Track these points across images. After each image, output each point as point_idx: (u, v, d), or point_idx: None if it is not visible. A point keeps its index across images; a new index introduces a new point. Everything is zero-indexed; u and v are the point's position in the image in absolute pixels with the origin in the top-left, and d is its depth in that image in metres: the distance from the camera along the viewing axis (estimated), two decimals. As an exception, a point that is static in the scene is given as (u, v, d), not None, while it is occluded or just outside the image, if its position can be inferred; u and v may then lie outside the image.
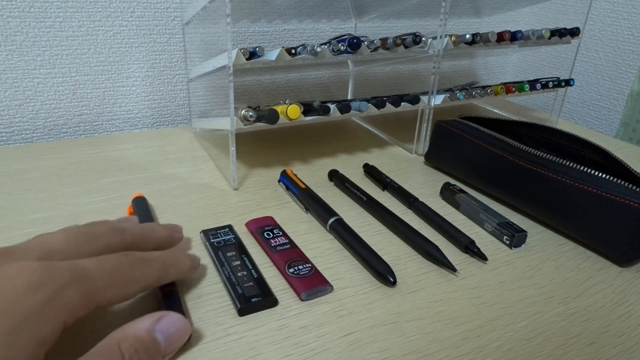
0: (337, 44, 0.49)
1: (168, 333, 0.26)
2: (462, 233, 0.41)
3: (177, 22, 0.65)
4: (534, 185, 0.43)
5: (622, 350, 0.30)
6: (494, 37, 0.57)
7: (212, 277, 0.35)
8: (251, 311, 0.32)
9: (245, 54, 0.45)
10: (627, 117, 0.75)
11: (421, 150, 0.60)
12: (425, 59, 0.82)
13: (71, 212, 0.43)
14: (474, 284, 0.36)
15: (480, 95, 0.60)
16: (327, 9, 0.67)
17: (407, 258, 0.39)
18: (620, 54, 0.76)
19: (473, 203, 0.45)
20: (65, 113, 0.62)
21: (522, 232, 0.41)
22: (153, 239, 0.33)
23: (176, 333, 0.27)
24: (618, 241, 0.38)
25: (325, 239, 0.41)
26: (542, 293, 0.35)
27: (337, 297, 0.34)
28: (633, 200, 0.37)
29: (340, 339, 0.30)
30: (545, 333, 0.31)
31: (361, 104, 0.52)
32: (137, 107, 0.67)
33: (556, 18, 0.86)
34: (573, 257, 0.40)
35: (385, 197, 0.49)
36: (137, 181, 0.49)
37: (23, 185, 0.48)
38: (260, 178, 0.52)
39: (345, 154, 0.59)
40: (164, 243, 0.34)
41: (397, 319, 0.32)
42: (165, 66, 0.66)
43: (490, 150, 0.47)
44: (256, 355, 0.29)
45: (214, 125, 0.53)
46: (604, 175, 0.39)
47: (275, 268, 0.36)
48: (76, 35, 0.59)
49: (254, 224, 0.41)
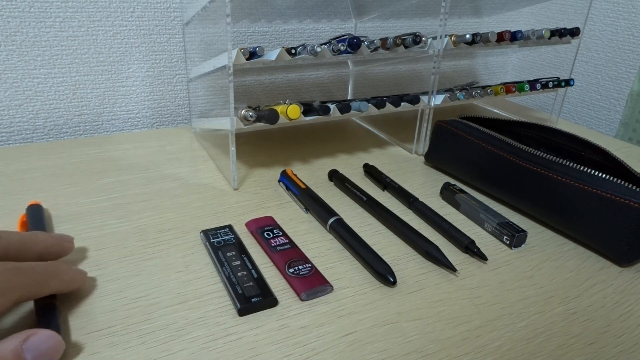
0: (337, 44, 0.49)
1: (38, 352, 0.25)
2: (462, 233, 0.41)
3: (177, 22, 0.65)
4: (534, 185, 0.43)
5: (622, 350, 0.30)
6: (494, 37, 0.57)
7: (212, 277, 0.35)
8: (251, 311, 0.32)
9: (245, 54, 0.45)
10: (627, 117, 0.75)
11: (421, 150, 0.60)
12: (425, 59, 0.82)
13: (71, 212, 0.43)
14: (474, 284, 0.36)
15: (480, 95, 0.60)
16: (327, 9, 0.67)
17: (407, 258, 0.39)
18: (620, 54, 0.76)
19: (473, 203, 0.45)
20: (65, 113, 0.62)
21: (522, 232, 0.41)
22: (36, 248, 0.31)
23: (46, 351, 0.25)
24: (618, 241, 0.38)
25: (325, 239, 0.41)
26: (542, 293, 0.35)
27: (337, 297, 0.34)
28: (633, 200, 0.37)
29: (340, 339, 0.30)
30: (545, 333, 0.31)
31: (361, 104, 0.52)
32: (137, 107, 0.66)
33: (556, 18, 0.86)
34: (573, 257, 0.40)
35: (385, 197, 0.49)
36: (137, 181, 0.49)
37: (23, 185, 0.48)
38: (260, 178, 0.52)
39: (345, 154, 0.59)
40: (50, 252, 0.32)
41: (397, 319, 0.32)
42: (165, 66, 0.66)
43: (490, 150, 0.47)
44: (256, 355, 0.29)
45: (214, 125, 0.53)
46: (604, 175, 0.39)
47: (275, 268, 0.36)
48: (76, 35, 0.59)
49: (254, 224, 0.41)
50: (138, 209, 0.44)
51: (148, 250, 0.38)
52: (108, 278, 0.35)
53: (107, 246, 0.38)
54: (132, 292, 0.33)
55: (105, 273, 0.35)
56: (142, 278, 0.35)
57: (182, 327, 0.30)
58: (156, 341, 0.29)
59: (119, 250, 0.38)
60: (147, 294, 0.33)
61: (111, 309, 0.32)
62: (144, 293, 0.33)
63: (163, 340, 0.29)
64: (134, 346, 0.29)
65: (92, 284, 0.34)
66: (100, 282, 0.34)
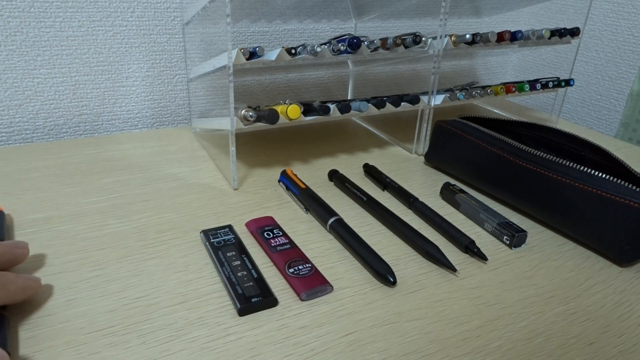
0: (337, 44, 0.49)
1: None
2: (462, 233, 0.41)
3: (177, 22, 0.65)
4: (534, 185, 0.43)
5: (622, 350, 0.30)
6: (494, 37, 0.57)
7: (212, 277, 0.35)
8: (251, 311, 0.32)
9: (245, 54, 0.45)
10: (627, 117, 0.75)
11: (421, 150, 0.60)
12: (425, 59, 0.82)
13: (71, 212, 0.43)
14: (474, 284, 0.36)
15: (480, 95, 0.60)
16: (327, 9, 0.67)
17: (407, 258, 0.39)
18: (620, 54, 0.76)
19: (473, 203, 0.45)
20: (65, 113, 0.62)
21: (522, 232, 0.41)
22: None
23: None
24: (618, 241, 0.38)
25: (325, 239, 0.41)
26: (542, 293, 0.35)
27: (337, 297, 0.34)
28: (633, 200, 0.37)
29: (340, 339, 0.30)
30: (545, 333, 0.31)
31: (361, 104, 0.52)
32: (137, 107, 0.66)
33: (556, 18, 0.86)
34: (573, 257, 0.40)
35: (385, 197, 0.49)
36: (137, 181, 0.49)
37: (23, 185, 0.48)
38: (260, 178, 0.52)
39: (345, 154, 0.59)
40: (3, 261, 0.31)
41: (397, 319, 0.32)
42: (165, 66, 0.66)
43: (490, 150, 0.47)
44: (256, 355, 0.29)
45: (214, 125, 0.53)
46: (604, 175, 0.39)
47: (275, 268, 0.36)
48: (76, 35, 0.59)
49: (254, 224, 0.41)
50: (138, 209, 0.44)
51: (148, 250, 0.38)
52: (108, 278, 0.35)
53: (107, 246, 0.38)
54: (132, 292, 0.33)
55: (105, 273, 0.35)
56: (142, 278, 0.35)
57: (182, 327, 0.30)
58: (156, 341, 0.29)
59: (119, 250, 0.38)
60: (147, 294, 0.33)
61: (111, 309, 0.32)
62: (144, 293, 0.33)
63: (163, 340, 0.29)
64: (134, 346, 0.29)
65: (92, 284, 0.34)
66: (100, 282, 0.34)
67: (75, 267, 0.36)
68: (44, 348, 0.28)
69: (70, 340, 0.29)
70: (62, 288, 0.33)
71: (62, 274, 0.35)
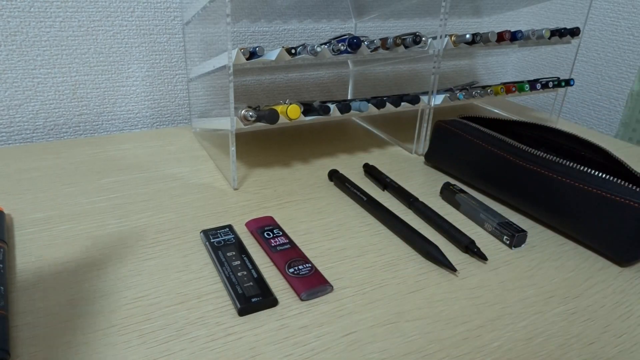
0: (337, 44, 0.49)
1: None
2: (462, 233, 0.41)
3: (177, 22, 0.65)
4: (534, 185, 0.43)
5: (622, 350, 0.30)
6: (494, 37, 0.57)
7: (212, 277, 0.35)
8: (251, 311, 0.32)
9: (245, 54, 0.45)
10: (627, 117, 0.75)
11: (421, 150, 0.60)
12: (425, 59, 0.82)
13: (71, 212, 0.43)
14: (474, 284, 0.36)
15: (480, 95, 0.60)
16: (327, 9, 0.67)
17: (407, 258, 0.39)
18: (620, 54, 0.76)
19: (473, 203, 0.45)
20: (65, 113, 0.62)
21: (522, 232, 0.41)
22: None
23: None
24: (618, 241, 0.38)
25: (325, 239, 0.41)
26: (542, 293, 0.35)
27: (337, 297, 0.34)
28: (633, 200, 0.37)
29: (340, 339, 0.30)
30: (545, 333, 0.31)
31: (361, 104, 0.52)
32: (137, 107, 0.66)
33: (556, 18, 0.86)
34: (573, 257, 0.40)
35: (385, 197, 0.49)
36: (137, 181, 0.49)
37: (23, 185, 0.48)
38: (260, 178, 0.52)
39: (345, 154, 0.59)
40: None
41: (397, 319, 0.32)
42: (165, 66, 0.66)
43: (490, 150, 0.47)
44: (256, 355, 0.29)
45: (214, 125, 0.53)
46: (604, 175, 0.39)
47: (275, 268, 0.36)
48: (76, 35, 0.59)
49: (254, 224, 0.41)
50: (138, 209, 0.44)
51: (148, 250, 0.38)
52: (108, 278, 0.35)
53: (107, 246, 0.38)
54: (132, 292, 0.33)
55: (105, 273, 0.35)
56: (142, 278, 0.35)
57: (182, 327, 0.30)
58: (156, 341, 0.29)
59: (119, 250, 0.38)
60: (147, 294, 0.33)
61: (111, 309, 0.32)
62: (144, 293, 0.33)
63: (163, 340, 0.29)
64: (134, 346, 0.29)
65: (93, 284, 0.34)
66: (100, 282, 0.34)
67: (75, 267, 0.36)
68: (44, 348, 0.28)
69: (70, 340, 0.29)
70: (62, 288, 0.33)
71: (62, 274, 0.35)
